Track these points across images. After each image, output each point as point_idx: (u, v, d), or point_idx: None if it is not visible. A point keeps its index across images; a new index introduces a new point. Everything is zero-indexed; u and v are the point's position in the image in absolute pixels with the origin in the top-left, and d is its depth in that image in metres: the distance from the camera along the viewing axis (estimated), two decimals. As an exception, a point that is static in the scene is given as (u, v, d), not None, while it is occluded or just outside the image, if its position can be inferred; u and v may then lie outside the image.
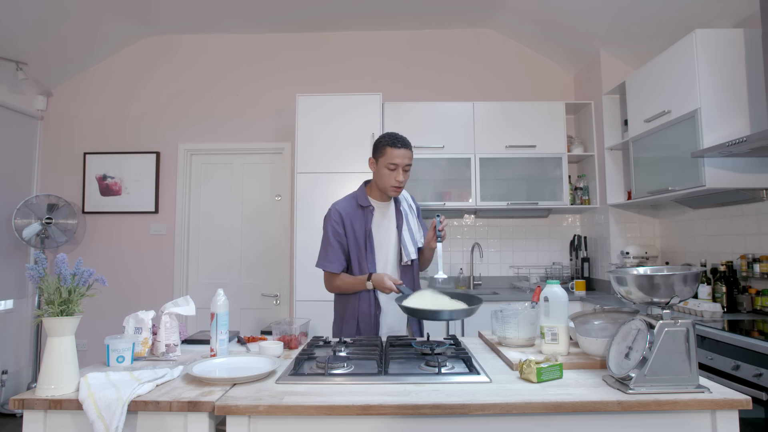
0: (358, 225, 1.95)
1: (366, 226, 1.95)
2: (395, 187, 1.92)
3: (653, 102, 2.82)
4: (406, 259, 1.95)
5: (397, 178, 1.90)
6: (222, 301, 1.56)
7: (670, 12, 2.85)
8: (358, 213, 1.97)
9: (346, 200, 2.02)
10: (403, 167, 1.90)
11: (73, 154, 3.97)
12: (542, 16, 3.50)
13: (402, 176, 1.90)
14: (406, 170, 1.91)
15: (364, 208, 1.97)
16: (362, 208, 1.98)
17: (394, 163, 1.89)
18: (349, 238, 1.95)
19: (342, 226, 1.94)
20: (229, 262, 3.94)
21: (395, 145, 1.89)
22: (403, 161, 1.89)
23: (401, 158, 1.88)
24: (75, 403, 1.15)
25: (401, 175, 1.90)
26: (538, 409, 1.11)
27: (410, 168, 1.94)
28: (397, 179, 1.90)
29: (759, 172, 2.38)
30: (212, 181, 4.01)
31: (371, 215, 1.97)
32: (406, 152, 1.90)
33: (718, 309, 2.32)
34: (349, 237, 1.95)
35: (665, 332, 1.18)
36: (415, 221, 2.04)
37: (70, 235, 3.74)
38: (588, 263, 3.67)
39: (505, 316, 1.60)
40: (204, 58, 4.04)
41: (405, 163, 1.90)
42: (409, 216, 2.02)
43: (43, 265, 1.25)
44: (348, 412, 1.11)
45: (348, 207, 1.98)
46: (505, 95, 3.95)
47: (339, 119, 3.31)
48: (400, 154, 1.88)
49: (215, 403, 1.13)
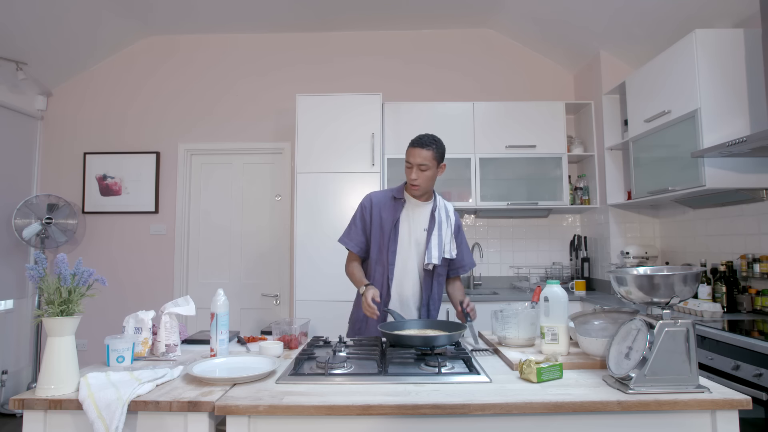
0: (387, 214, 2.00)
1: (395, 215, 1.99)
2: (411, 185, 1.95)
3: (653, 102, 2.82)
4: (427, 262, 1.95)
5: (410, 176, 1.93)
6: (222, 301, 1.56)
7: (670, 12, 2.85)
8: (389, 203, 2.03)
9: (383, 191, 2.11)
10: (417, 166, 1.90)
11: (73, 154, 3.97)
12: (542, 16, 3.50)
13: (415, 174, 1.91)
14: (422, 170, 1.91)
15: (397, 200, 2.02)
16: (395, 200, 2.02)
17: (408, 161, 1.93)
18: (374, 224, 2.01)
19: (369, 211, 2.03)
20: (229, 262, 3.94)
21: (412, 144, 1.93)
22: (416, 160, 1.90)
23: (413, 157, 1.91)
24: (75, 403, 1.15)
25: (414, 173, 1.91)
26: (538, 409, 1.11)
27: (428, 168, 1.91)
28: (410, 177, 1.93)
29: (759, 172, 2.38)
30: (212, 181, 4.01)
31: (401, 207, 2.00)
32: (420, 151, 1.89)
33: (718, 309, 2.32)
34: (374, 223, 2.01)
35: (665, 332, 1.18)
36: (448, 232, 2.00)
37: (70, 235, 3.74)
38: (588, 263, 3.67)
39: (505, 316, 1.60)
40: (204, 58, 4.04)
41: (418, 163, 1.90)
42: (443, 224, 1.99)
43: (43, 265, 1.25)
44: (348, 412, 1.11)
45: (382, 197, 2.06)
46: (504, 95, 3.95)
47: (339, 119, 3.31)
48: (413, 153, 1.91)
49: (215, 403, 1.13)
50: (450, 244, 1.99)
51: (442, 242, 1.96)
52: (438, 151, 1.92)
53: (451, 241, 2.00)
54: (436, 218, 1.98)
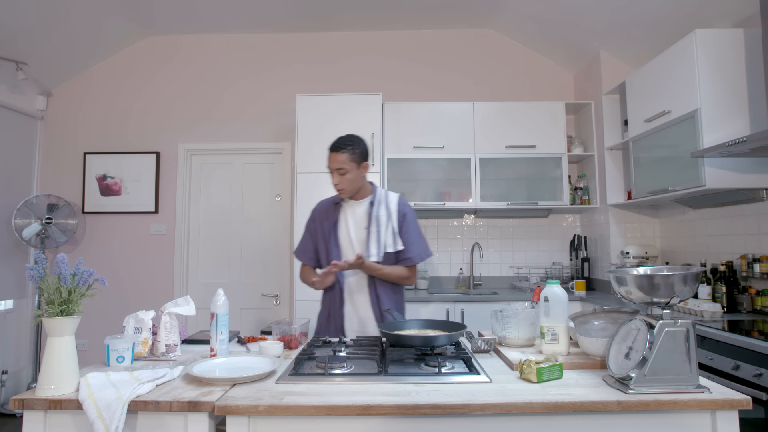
0: (327, 220, 2.04)
1: (332, 220, 2.03)
2: (336, 190, 1.95)
3: (653, 102, 2.82)
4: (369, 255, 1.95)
5: (333, 181, 1.93)
6: (222, 301, 1.56)
7: (670, 12, 2.85)
8: (331, 209, 2.06)
9: (329, 198, 2.12)
10: (336, 171, 1.90)
11: (73, 154, 3.97)
12: (542, 16, 3.50)
13: (337, 179, 1.91)
14: (341, 173, 1.90)
15: (336, 205, 2.05)
16: (335, 205, 2.06)
17: (328, 166, 1.93)
18: (319, 232, 2.05)
19: (314, 221, 2.08)
20: (229, 262, 3.94)
21: (329, 149, 1.92)
22: (334, 165, 1.90)
23: (331, 162, 1.91)
24: (75, 403, 1.15)
25: (335, 178, 1.91)
26: (538, 409, 1.11)
27: (347, 171, 1.90)
28: (333, 182, 1.93)
29: (759, 172, 2.38)
30: (212, 181, 4.01)
31: (339, 211, 2.03)
32: (335, 156, 1.89)
33: (718, 309, 2.32)
34: (319, 232, 2.05)
35: (665, 332, 1.18)
36: (389, 226, 1.98)
37: (70, 235, 3.74)
38: (588, 263, 3.67)
39: (505, 316, 1.60)
40: (204, 58, 4.04)
41: (336, 167, 1.89)
42: (382, 219, 1.97)
43: (43, 265, 1.25)
44: (348, 412, 1.11)
45: (325, 204, 2.10)
46: (505, 95, 3.95)
47: (339, 119, 3.31)
48: (331, 158, 1.91)
49: (215, 403, 1.13)
50: (392, 238, 1.97)
51: (381, 237, 1.96)
52: (354, 153, 1.91)
53: (393, 235, 1.98)
54: (373, 214, 1.98)
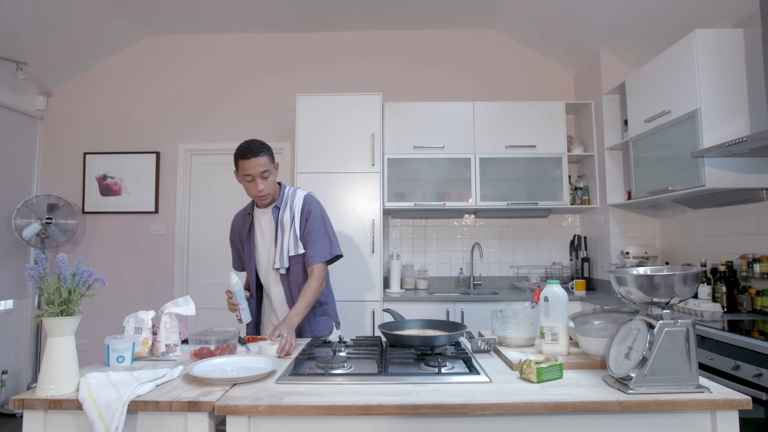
0: (242, 231, 2.06)
1: (245, 231, 2.04)
2: (259, 196, 1.92)
3: (653, 102, 2.82)
4: (276, 267, 1.94)
5: (257, 187, 1.87)
6: (236, 281, 1.83)
7: (670, 12, 2.85)
8: (245, 220, 2.06)
9: (241, 209, 2.13)
10: (259, 175, 1.86)
11: (73, 154, 3.97)
12: (542, 16, 3.50)
13: (262, 185, 1.87)
14: (265, 176, 1.87)
15: (248, 215, 2.05)
16: (248, 215, 2.06)
17: (248, 174, 1.85)
18: (239, 244, 2.09)
19: (234, 233, 2.12)
20: (229, 262, 3.93)
21: (245, 156, 1.84)
22: (257, 170, 1.84)
23: (253, 168, 1.84)
24: (75, 403, 1.15)
25: (260, 184, 1.87)
26: (538, 409, 1.11)
27: (270, 173, 1.88)
28: (257, 189, 1.88)
29: (759, 172, 2.38)
30: (212, 181, 4.01)
31: (250, 222, 2.03)
32: (257, 160, 1.83)
33: (718, 309, 2.32)
34: (239, 243, 2.09)
35: (665, 332, 1.18)
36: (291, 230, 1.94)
37: (70, 235, 3.74)
38: (588, 263, 3.67)
39: (505, 316, 1.60)
40: (204, 58, 4.04)
41: (260, 172, 1.85)
42: (287, 224, 1.94)
43: (43, 265, 1.25)
44: (348, 412, 1.11)
45: (240, 215, 2.11)
46: (505, 95, 3.95)
47: (339, 119, 3.31)
48: (251, 165, 1.83)
49: (215, 403, 1.13)
50: (293, 242, 1.93)
51: (284, 244, 1.93)
52: (270, 154, 1.90)
53: (295, 238, 1.93)
54: (278, 220, 1.95)
